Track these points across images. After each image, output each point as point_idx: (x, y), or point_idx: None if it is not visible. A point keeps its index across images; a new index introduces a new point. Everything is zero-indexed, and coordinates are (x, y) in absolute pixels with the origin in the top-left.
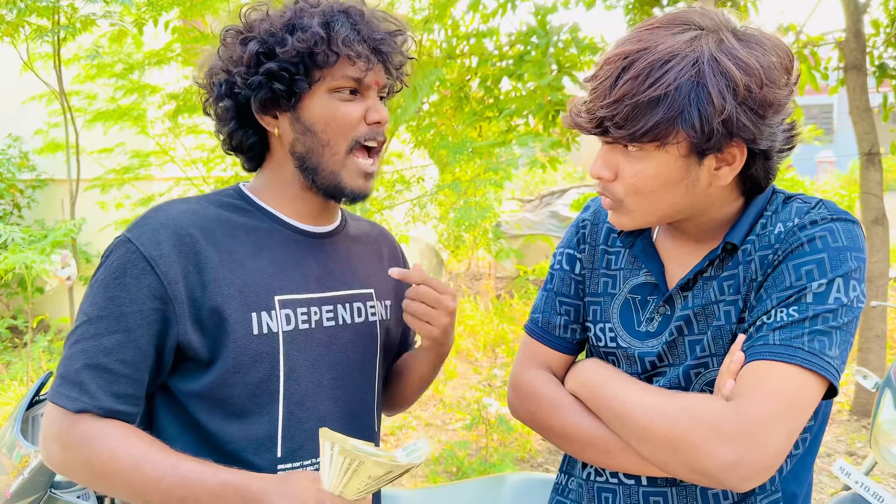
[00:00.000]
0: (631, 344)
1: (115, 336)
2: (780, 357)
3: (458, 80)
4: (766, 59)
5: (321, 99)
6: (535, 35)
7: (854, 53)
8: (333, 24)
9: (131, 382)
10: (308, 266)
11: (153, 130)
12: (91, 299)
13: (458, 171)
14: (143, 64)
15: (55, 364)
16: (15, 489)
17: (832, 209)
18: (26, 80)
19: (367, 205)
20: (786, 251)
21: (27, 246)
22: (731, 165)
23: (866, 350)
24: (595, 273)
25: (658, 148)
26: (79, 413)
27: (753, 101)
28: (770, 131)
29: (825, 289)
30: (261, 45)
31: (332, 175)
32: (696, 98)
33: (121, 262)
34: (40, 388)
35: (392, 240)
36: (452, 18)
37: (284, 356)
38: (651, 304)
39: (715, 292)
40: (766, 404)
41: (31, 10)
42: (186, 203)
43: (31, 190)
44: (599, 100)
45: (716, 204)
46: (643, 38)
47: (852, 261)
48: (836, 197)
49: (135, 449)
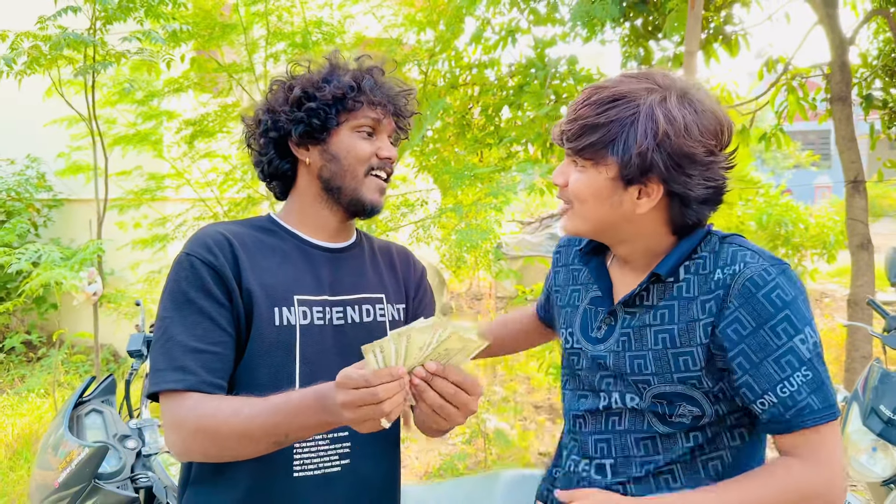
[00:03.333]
0: (585, 347)
1: (202, 325)
2: (829, 417)
3: (460, 108)
4: (692, 117)
5: (346, 134)
6: (535, 67)
7: (840, 85)
8: (360, 79)
9: (224, 360)
10: (323, 274)
11: (169, 154)
12: (171, 304)
13: (460, 194)
14: (162, 91)
15: (72, 377)
16: (62, 480)
17: (767, 258)
18: (46, 103)
19: (374, 226)
20: (754, 317)
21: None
22: (650, 198)
23: (852, 371)
24: (567, 288)
25: (594, 165)
26: (186, 392)
27: (669, 146)
28: (684, 179)
29: (807, 339)
30: (303, 90)
31: (354, 191)
32: (626, 132)
33: (187, 271)
34: (85, 390)
35: (406, 254)
36: (456, 50)
37: (301, 345)
38: (601, 314)
39: (651, 317)
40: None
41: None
42: (224, 224)
43: (47, 209)
44: (566, 118)
45: (645, 233)
46: (613, 80)
47: (805, 308)
48: (830, 222)
49: (230, 403)
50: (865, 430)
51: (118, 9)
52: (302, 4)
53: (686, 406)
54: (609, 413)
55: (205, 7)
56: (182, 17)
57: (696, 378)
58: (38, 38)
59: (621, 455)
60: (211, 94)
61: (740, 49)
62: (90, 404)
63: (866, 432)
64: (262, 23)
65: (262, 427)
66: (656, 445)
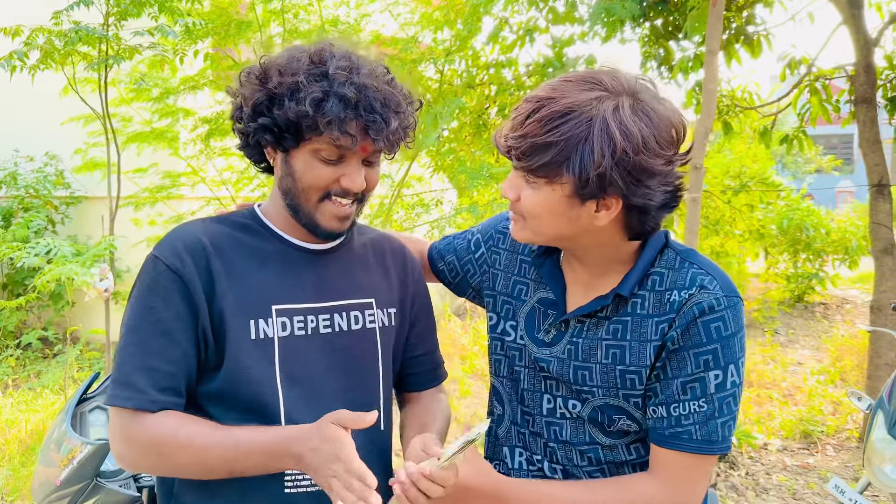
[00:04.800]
0: (530, 346)
1: (158, 340)
2: (703, 450)
3: (477, 108)
4: (649, 130)
5: (304, 156)
6: (552, 66)
7: (864, 87)
8: (326, 102)
9: (176, 378)
10: (306, 279)
11: (185, 152)
12: (132, 312)
13: (475, 195)
14: (178, 89)
15: (85, 374)
16: (64, 478)
17: (724, 287)
18: (64, 101)
19: (388, 227)
20: (686, 338)
21: (71, 259)
22: (608, 210)
23: (875, 378)
24: (508, 275)
25: (547, 183)
26: (136, 410)
27: (628, 163)
28: (644, 191)
29: (722, 378)
30: (264, 99)
31: (309, 215)
32: (581, 151)
33: (152, 277)
34: (89, 386)
35: (402, 253)
36: (473, 49)
37: (280, 360)
38: (551, 317)
39: (604, 332)
40: (698, 490)
41: (82, 41)
42: (202, 223)
43: (65, 206)
44: (511, 131)
45: (602, 241)
46: (557, 88)
47: (738, 346)
48: (852, 227)
49: (190, 428)
50: (890, 440)
51: (132, 3)
52: (318, 2)
53: (625, 420)
54: (552, 417)
55: (221, 4)
56: (198, 13)
57: (638, 396)
58: (52, 34)
59: (569, 463)
60: (227, 92)
61: (762, 50)
62: (94, 401)
63: (891, 441)
64: (278, 20)
65: (220, 459)
66: (599, 457)
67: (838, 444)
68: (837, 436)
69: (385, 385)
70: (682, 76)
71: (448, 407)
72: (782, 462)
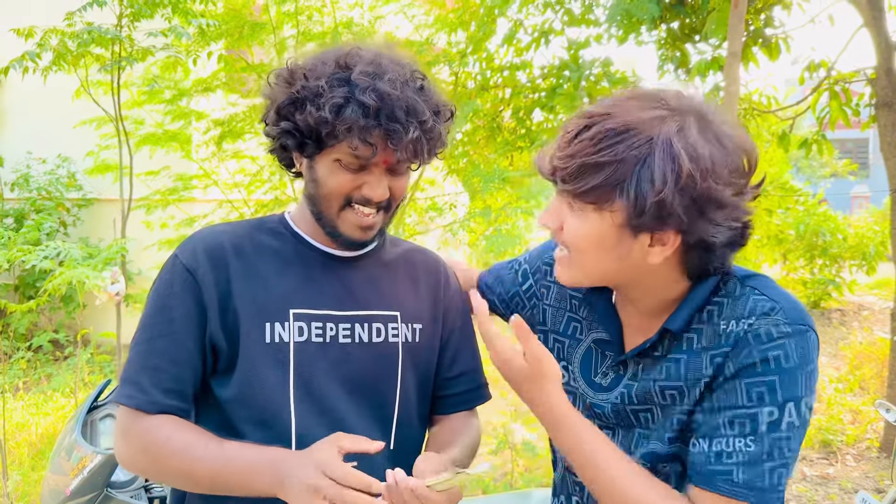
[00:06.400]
0: (586, 392)
1: (165, 339)
2: (744, 496)
3: (491, 110)
4: (720, 154)
5: (327, 162)
6: (568, 69)
7: (885, 91)
8: (346, 108)
9: (182, 380)
10: (329, 286)
11: (197, 155)
12: (147, 309)
13: (489, 198)
14: (190, 91)
15: (96, 377)
16: (74, 487)
17: (790, 316)
18: (77, 103)
19: (401, 230)
20: (738, 366)
21: (82, 262)
22: (664, 246)
23: (895, 387)
24: (561, 313)
25: (595, 210)
26: (137, 409)
27: (693, 191)
28: (706, 226)
29: (777, 416)
30: (288, 102)
31: (331, 223)
32: (638, 173)
33: (170, 275)
34: (100, 394)
35: (436, 269)
36: (487, 52)
37: (295, 365)
38: (609, 359)
39: (661, 372)
40: None
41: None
42: (227, 225)
43: (77, 209)
44: (558, 151)
45: (655, 281)
46: (612, 106)
47: (803, 382)
48: (869, 233)
49: (185, 436)
50: None
51: (145, 4)
52: (332, 4)
53: (671, 466)
54: None
55: (235, 6)
56: (211, 15)
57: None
58: (65, 35)
59: None
60: (240, 94)
61: (780, 53)
62: (105, 409)
63: None
64: (291, 23)
65: (207, 473)
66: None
67: (858, 454)
68: (857, 445)
69: (402, 404)
70: (700, 79)
71: (478, 432)
72: (801, 472)
